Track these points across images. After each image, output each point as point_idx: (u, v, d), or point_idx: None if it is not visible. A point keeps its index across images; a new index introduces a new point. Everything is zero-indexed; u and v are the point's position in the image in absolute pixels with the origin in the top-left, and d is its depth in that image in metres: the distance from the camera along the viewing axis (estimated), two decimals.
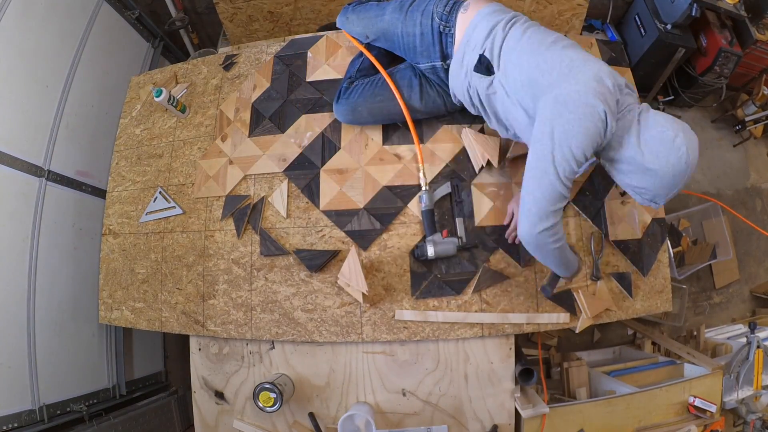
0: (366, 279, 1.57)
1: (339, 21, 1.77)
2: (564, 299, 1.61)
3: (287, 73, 1.85)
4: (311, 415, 1.55)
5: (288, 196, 1.68)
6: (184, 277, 1.70)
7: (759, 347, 1.94)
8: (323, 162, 1.71)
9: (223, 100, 1.86)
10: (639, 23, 2.66)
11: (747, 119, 2.99)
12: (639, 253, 1.69)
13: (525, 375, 1.59)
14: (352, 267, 1.50)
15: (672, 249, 2.46)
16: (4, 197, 1.63)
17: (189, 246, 1.72)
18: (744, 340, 2.02)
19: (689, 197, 2.91)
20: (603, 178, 1.74)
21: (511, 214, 1.59)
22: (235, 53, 1.95)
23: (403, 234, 1.63)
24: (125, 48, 2.37)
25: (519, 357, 1.64)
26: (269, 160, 1.74)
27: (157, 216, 1.78)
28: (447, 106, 1.61)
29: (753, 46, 2.65)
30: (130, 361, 2.15)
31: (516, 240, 1.55)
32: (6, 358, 1.58)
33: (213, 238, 1.70)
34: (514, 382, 1.60)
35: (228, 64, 1.92)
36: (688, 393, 1.74)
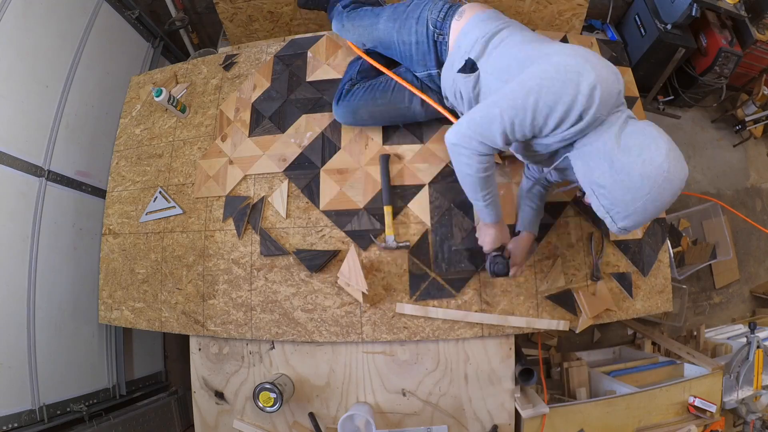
0: (366, 279, 1.57)
1: (335, 27, 1.75)
2: (564, 299, 1.61)
3: (287, 73, 1.85)
4: (311, 415, 1.55)
5: (288, 196, 1.68)
6: (184, 277, 1.70)
7: (759, 347, 1.94)
8: (323, 162, 1.71)
9: (223, 100, 1.86)
10: (639, 23, 2.66)
11: (747, 119, 2.99)
12: (639, 253, 1.69)
13: (525, 375, 1.59)
14: (351, 266, 1.50)
15: (672, 249, 2.46)
16: (4, 197, 1.63)
17: (189, 246, 1.72)
18: (744, 340, 2.02)
19: (689, 197, 2.91)
20: None
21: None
22: (235, 53, 1.95)
23: (404, 234, 1.63)
24: (125, 48, 2.37)
25: (519, 357, 1.64)
26: (269, 160, 1.74)
27: (157, 216, 1.78)
28: (447, 109, 1.60)
29: (753, 46, 2.65)
30: (130, 361, 2.15)
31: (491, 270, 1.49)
32: (6, 358, 1.58)
33: (213, 238, 1.70)
34: (514, 382, 1.60)
35: (228, 64, 1.92)
36: (688, 393, 1.74)
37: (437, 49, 1.42)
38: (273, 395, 1.46)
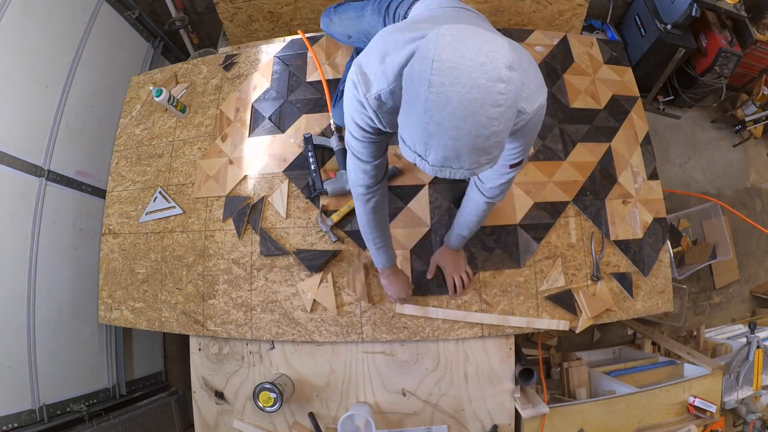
0: (366, 279, 1.57)
1: (323, 23, 1.71)
2: (564, 299, 1.61)
3: (287, 73, 1.85)
4: (311, 415, 1.55)
5: (288, 196, 1.68)
6: (184, 277, 1.70)
7: (759, 347, 1.94)
8: (323, 162, 1.71)
9: (223, 100, 1.86)
10: (639, 23, 2.66)
11: (747, 119, 2.99)
12: (640, 253, 1.69)
13: (525, 375, 1.59)
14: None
15: (672, 249, 2.46)
16: (4, 197, 1.63)
17: (189, 246, 1.72)
18: (744, 340, 2.02)
19: (689, 197, 2.91)
20: (604, 177, 1.74)
21: (435, 268, 1.57)
22: (235, 53, 1.95)
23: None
24: (125, 48, 2.37)
25: (519, 357, 1.64)
26: (269, 160, 1.74)
27: (157, 216, 1.78)
28: None
29: (753, 46, 2.65)
30: (130, 361, 2.15)
31: (457, 292, 1.55)
32: (6, 358, 1.57)
33: (213, 238, 1.70)
34: (514, 382, 1.60)
35: (228, 64, 1.92)
36: (688, 393, 1.74)
37: None
38: (273, 395, 1.46)
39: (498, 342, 1.60)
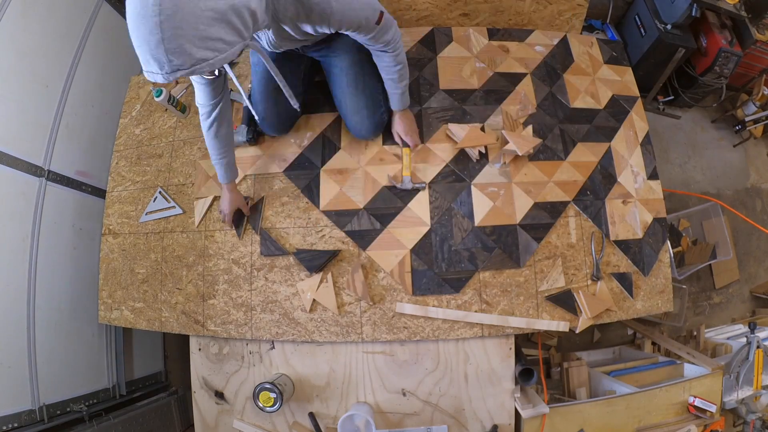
0: (366, 279, 1.57)
1: None
2: (564, 299, 1.61)
3: None
4: (311, 415, 1.55)
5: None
6: (184, 277, 1.70)
7: (759, 347, 1.94)
8: (323, 162, 1.71)
9: None
10: (639, 23, 2.66)
11: (747, 119, 2.99)
12: (640, 253, 1.69)
13: (525, 375, 1.59)
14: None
15: (672, 249, 2.46)
16: (4, 197, 1.63)
17: (189, 246, 1.72)
18: (744, 340, 2.02)
19: (689, 197, 2.91)
20: (604, 177, 1.74)
21: (397, 136, 1.69)
22: None
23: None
24: (125, 48, 2.35)
25: (519, 357, 1.64)
26: (269, 160, 1.74)
27: (157, 216, 1.78)
28: None
29: (753, 46, 2.65)
30: (130, 361, 2.15)
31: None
32: (6, 358, 1.57)
33: (213, 238, 1.70)
34: (514, 382, 1.60)
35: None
36: (688, 393, 1.74)
37: None
38: (273, 395, 1.46)
39: (498, 342, 1.60)
